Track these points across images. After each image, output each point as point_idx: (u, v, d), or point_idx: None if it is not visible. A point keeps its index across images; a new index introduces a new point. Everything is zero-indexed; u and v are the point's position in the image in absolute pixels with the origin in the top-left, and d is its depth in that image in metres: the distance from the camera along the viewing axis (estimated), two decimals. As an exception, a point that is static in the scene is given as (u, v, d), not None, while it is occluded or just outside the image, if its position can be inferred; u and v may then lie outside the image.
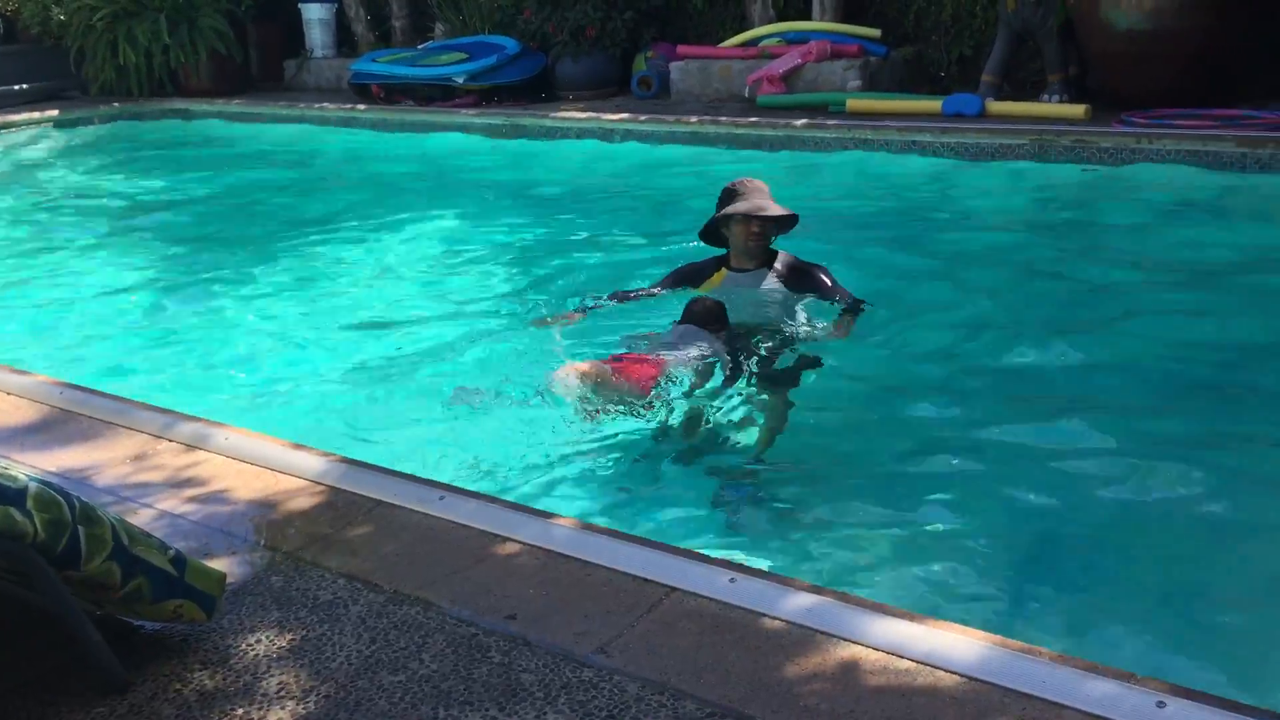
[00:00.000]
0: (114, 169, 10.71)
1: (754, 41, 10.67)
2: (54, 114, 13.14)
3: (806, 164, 8.40)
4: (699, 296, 4.46)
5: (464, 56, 11.67)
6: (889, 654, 2.23)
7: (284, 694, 2.23)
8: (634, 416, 3.96)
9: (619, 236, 6.86)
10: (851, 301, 4.59)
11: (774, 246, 4.67)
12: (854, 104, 9.20)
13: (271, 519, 2.97)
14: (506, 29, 12.03)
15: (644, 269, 5.67)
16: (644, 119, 9.80)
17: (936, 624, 2.32)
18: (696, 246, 4.97)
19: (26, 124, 12.99)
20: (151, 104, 13.66)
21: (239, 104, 13.22)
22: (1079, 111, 8.17)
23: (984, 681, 2.13)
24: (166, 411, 3.70)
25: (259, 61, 14.65)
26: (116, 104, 13.64)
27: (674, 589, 2.50)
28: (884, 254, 5.58)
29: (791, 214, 4.55)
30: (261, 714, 2.18)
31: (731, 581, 2.50)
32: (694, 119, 9.50)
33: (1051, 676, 2.12)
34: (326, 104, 12.44)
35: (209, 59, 13.71)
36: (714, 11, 11.69)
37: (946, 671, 2.17)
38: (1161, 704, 2.02)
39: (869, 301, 4.66)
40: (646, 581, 2.54)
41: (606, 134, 9.88)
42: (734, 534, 3.37)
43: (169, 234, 7.86)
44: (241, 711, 2.19)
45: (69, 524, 2.15)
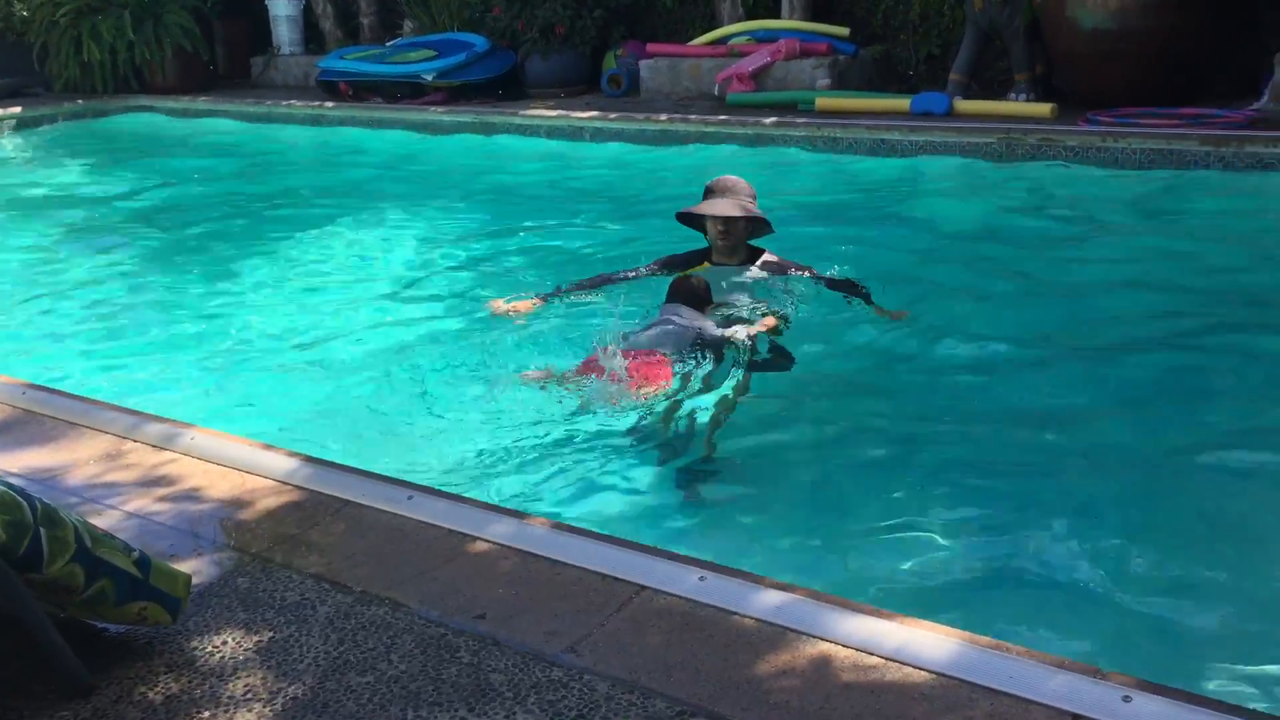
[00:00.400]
0: (78, 167, 10.60)
1: (723, 40, 10.69)
2: (17, 111, 12.94)
3: (775, 162, 8.41)
4: (685, 275, 4.52)
5: (433, 54, 11.63)
6: (859, 651, 2.24)
7: (251, 696, 2.21)
8: (624, 410, 3.99)
9: (587, 234, 6.85)
10: (857, 288, 4.73)
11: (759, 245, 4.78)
12: (823, 102, 9.23)
13: (239, 520, 2.94)
14: (475, 26, 12.01)
15: (612, 267, 5.65)
16: (614, 117, 9.79)
17: (906, 621, 2.33)
18: (677, 240, 5.08)
19: (-12, 121, 12.85)
20: (116, 101, 13.53)
21: (205, 101, 13.10)
22: (1045, 110, 8.24)
23: (953, 677, 2.14)
24: (133, 412, 3.66)
25: (225, 58, 14.54)
26: (81, 101, 13.50)
27: (644, 587, 2.50)
28: (851, 252, 5.59)
29: (760, 217, 4.60)
30: (228, 717, 2.16)
31: (701, 580, 2.50)
32: (663, 117, 9.50)
33: (1019, 672, 2.13)
34: (294, 101, 12.35)
35: (174, 56, 13.60)
36: (683, 10, 11.70)
37: (915, 668, 2.18)
38: (1127, 698, 2.04)
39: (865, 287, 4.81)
40: (616, 580, 2.53)
41: (576, 132, 9.87)
42: (704, 532, 3.37)
43: (133, 233, 7.79)
44: (208, 714, 2.17)
45: (30, 526, 2.13)
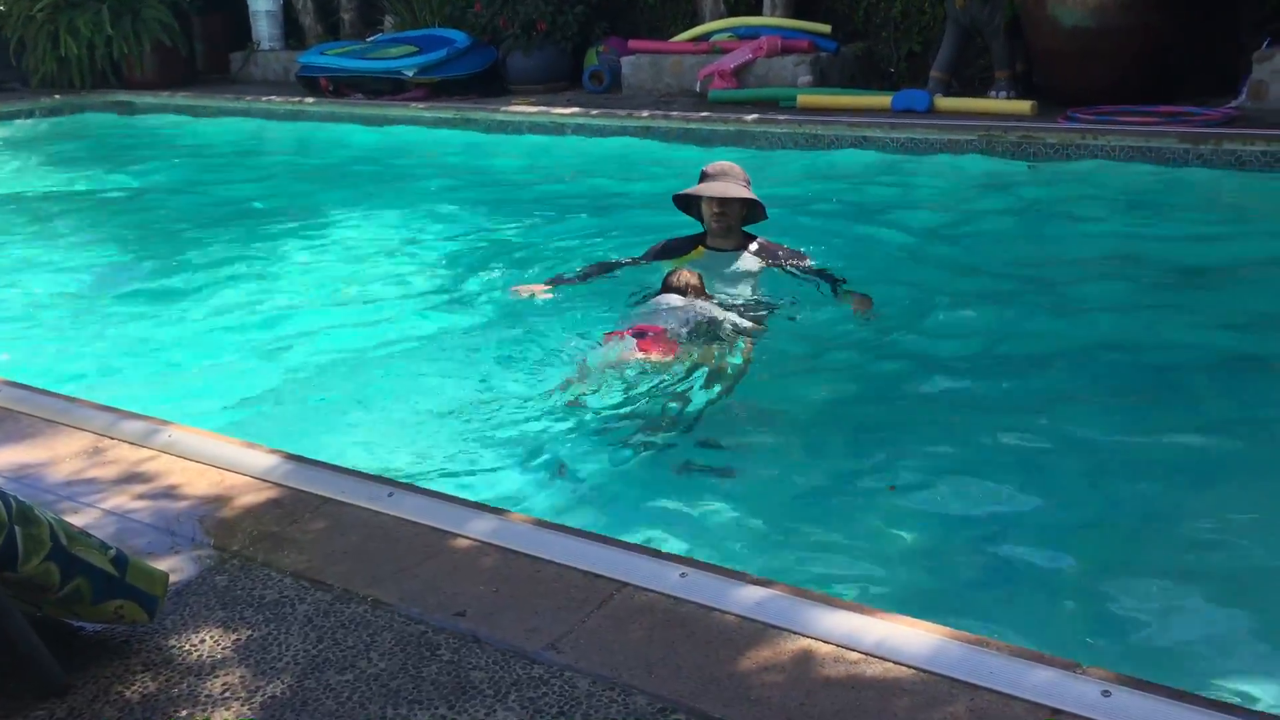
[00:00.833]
0: (55, 162, 10.51)
1: (705, 36, 10.69)
2: (-7, 107, 12.89)
3: (757, 158, 8.41)
4: (678, 268, 4.60)
5: (414, 50, 11.58)
6: (840, 646, 2.24)
7: (229, 695, 2.20)
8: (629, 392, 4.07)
9: (567, 229, 6.83)
10: (834, 278, 4.82)
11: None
12: (804, 99, 9.23)
13: (217, 517, 2.92)
14: (457, 22, 11.96)
15: (592, 261, 5.64)
16: (595, 113, 9.77)
17: (887, 616, 2.33)
18: (658, 236, 5.17)
19: (-36, 117, 12.73)
20: (94, 96, 13.42)
21: (184, 97, 13.02)
22: (1026, 108, 8.27)
23: (933, 673, 2.14)
24: (111, 410, 3.63)
25: (204, 53, 14.44)
26: (58, 96, 13.40)
27: (625, 584, 2.49)
28: (833, 248, 5.61)
29: (754, 199, 4.72)
30: (206, 715, 2.14)
31: (682, 576, 2.50)
32: (645, 114, 9.49)
33: (999, 667, 2.14)
34: (274, 97, 12.28)
35: (153, 51, 13.49)
36: (665, 6, 11.69)
37: (896, 663, 2.18)
38: (1107, 693, 2.04)
39: (847, 281, 4.87)
40: (597, 577, 2.53)
41: (557, 128, 9.85)
42: (685, 528, 3.37)
43: (111, 229, 7.74)
44: (185, 713, 2.15)
45: (5, 524, 2.11)
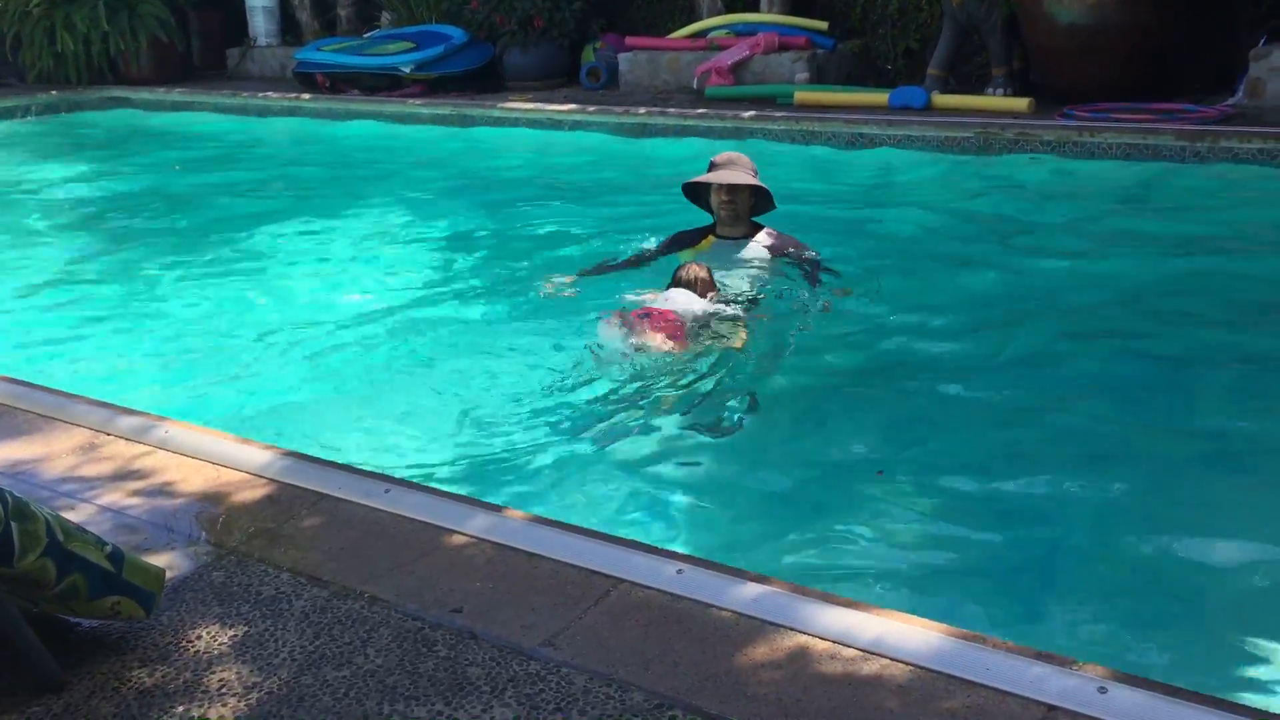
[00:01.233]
0: (52, 158, 10.49)
1: (702, 33, 10.69)
2: (-11, 102, 12.86)
3: (754, 155, 8.39)
4: (686, 262, 4.77)
5: (411, 46, 11.57)
6: (836, 643, 2.24)
7: (225, 691, 2.20)
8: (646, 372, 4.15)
9: (564, 226, 6.82)
10: (820, 275, 4.96)
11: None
12: (801, 96, 9.24)
13: (214, 513, 2.92)
14: (454, 18, 11.94)
15: (590, 258, 5.66)
16: (592, 110, 9.77)
17: (883, 613, 2.33)
18: (673, 223, 5.39)
19: (-40, 113, 12.70)
20: (91, 92, 13.40)
21: (180, 93, 13.00)
22: (1022, 105, 8.27)
23: (930, 669, 2.15)
24: (108, 406, 3.63)
25: (201, 49, 14.40)
26: (54, 92, 13.37)
27: (621, 580, 2.49)
28: (829, 246, 5.60)
29: (762, 187, 4.93)
30: (202, 711, 2.14)
31: (679, 572, 2.50)
32: (642, 110, 9.48)
33: (996, 663, 2.14)
34: (270, 93, 12.27)
35: (149, 47, 13.46)
36: (662, 2, 11.69)
37: (893, 660, 2.18)
38: (1103, 689, 2.05)
39: (836, 272, 5.00)
40: (594, 573, 2.53)
41: (555, 124, 9.84)
42: (681, 524, 3.37)
43: (108, 225, 7.73)
44: (182, 709, 2.15)
45: (1, 520, 2.10)
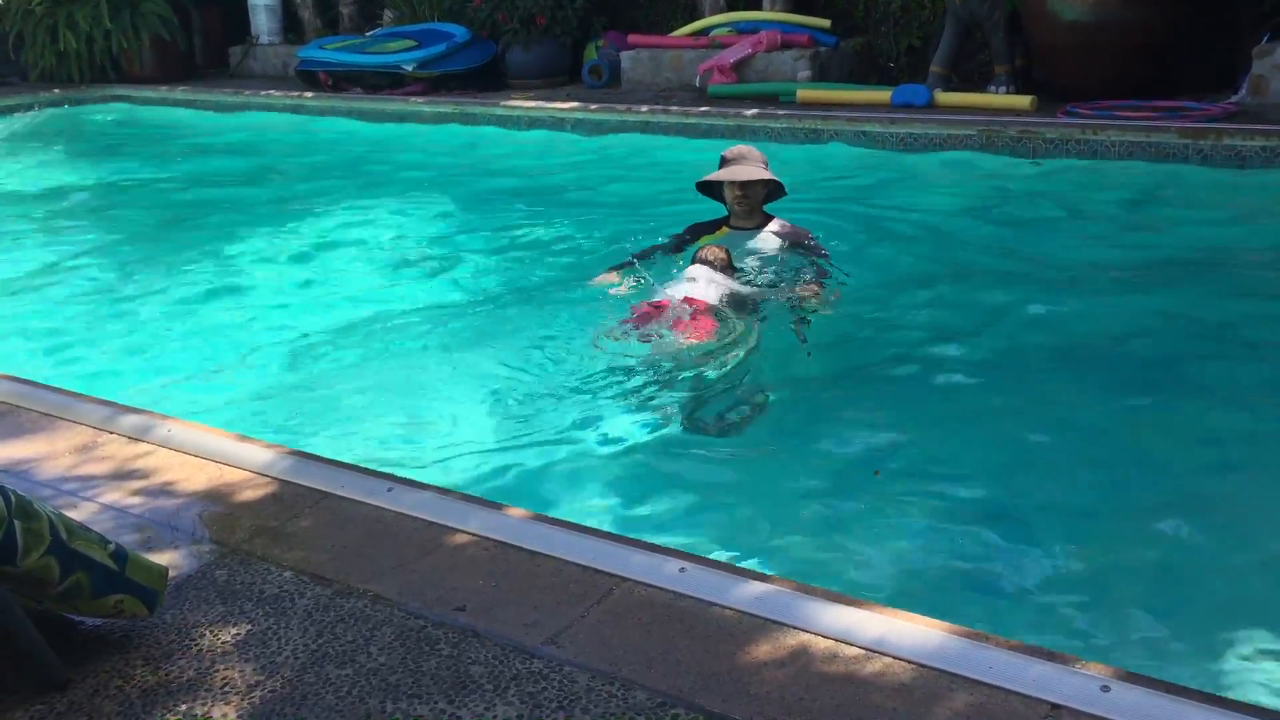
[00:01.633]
0: (54, 157, 10.51)
1: (705, 31, 10.68)
2: (-8, 101, 12.85)
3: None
4: (706, 245, 4.88)
5: (413, 44, 11.57)
6: (839, 641, 2.24)
7: (228, 689, 2.20)
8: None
9: (567, 225, 6.82)
10: (821, 267, 5.01)
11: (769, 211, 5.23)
12: (804, 94, 9.23)
13: (217, 512, 2.93)
14: (456, 17, 11.94)
15: (594, 254, 5.67)
16: (595, 108, 9.76)
17: (886, 611, 2.33)
18: (660, 229, 5.42)
19: (-37, 111, 12.70)
20: (93, 91, 13.39)
21: (183, 91, 12.99)
22: (1025, 102, 8.26)
23: (932, 668, 2.15)
24: (110, 404, 3.64)
25: (203, 48, 14.41)
26: (57, 90, 13.37)
27: (624, 579, 2.50)
28: (830, 245, 5.61)
29: (774, 179, 5.01)
30: (206, 709, 2.15)
31: (682, 571, 2.50)
32: (644, 108, 9.48)
33: (999, 662, 2.14)
34: (273, 91, 12.26)
35: (152, 45, 13.47)
36: (665, 1, 11.67)
37: (896, 658, 2.18)
38: (1106, 687, 2.05)
39: (845, 271, 5.03)
40: (597, 572, 2.53)
41: (557, 123, 9.84)
42: (684, 522, 3.37)
43: (110, 223, 7.73)
44: (185, 707, 2.15)
45: (5, 519, 2.11)
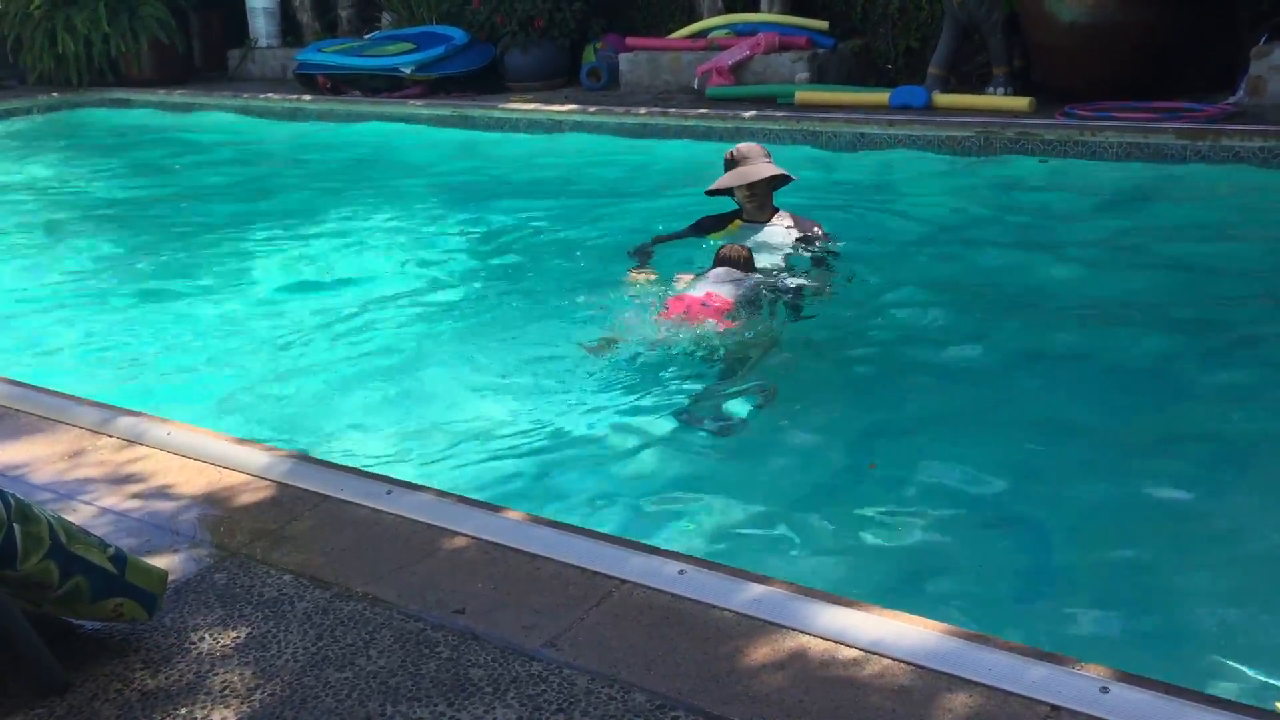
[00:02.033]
0: (53, 160, 10.51)
1: (703, 33, 10.68)
2: (-10, 104, 12.86)
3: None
4: (730, 244, 4.99)
5: (411, 47, 11.57)
6: (837, 643, 2.24)
7: (228, 692, 2.20)
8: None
9: (566, 227, 6.83)
10: (827, 256, 5.20)
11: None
12: (802, 96, 9.23)
13: (215, 515, 2.93)
14: (454, 19, 11.94)
15: (593, 256, 5.68)
16: (593, 110, 9.77)
17: (885, 612, 2.33)
18: (682, 220, 5.65)
19: (-39, 115, 12.71)
20: (91, 94, 13.41)
21: (181, 94, 13.00)
22: (1023, 104, 8.26)
23: (932, 669, 2.15)
24: (109, 407, 3.64)
25: (202, 51, 14.41)
26: (55, 94, 13.39)
27: (623, 581, 2.50)
28: (830, 244, 5.62)
29: (784, 173, 5.15)
30: (205, 713, 2.15)
31: (681, 573, 2.50)
32: (643, 110, 9.48)
33: (997, 663, 2.14)
34: (271, 94, 12.27)
35: (150, 48, 13.48)
36: (663, 3, 11.68)
37: (894, 660, 2.18)
38: (1105, 689, 2.05)
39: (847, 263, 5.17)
40: (596, 574, 2.53)
41: (555, 125, 9.84)
42: (683, 524, 3.37)
43: (108, 226, 7.73)
44: (185, 711, 2.15)
45: (4, 522, 2.11)
